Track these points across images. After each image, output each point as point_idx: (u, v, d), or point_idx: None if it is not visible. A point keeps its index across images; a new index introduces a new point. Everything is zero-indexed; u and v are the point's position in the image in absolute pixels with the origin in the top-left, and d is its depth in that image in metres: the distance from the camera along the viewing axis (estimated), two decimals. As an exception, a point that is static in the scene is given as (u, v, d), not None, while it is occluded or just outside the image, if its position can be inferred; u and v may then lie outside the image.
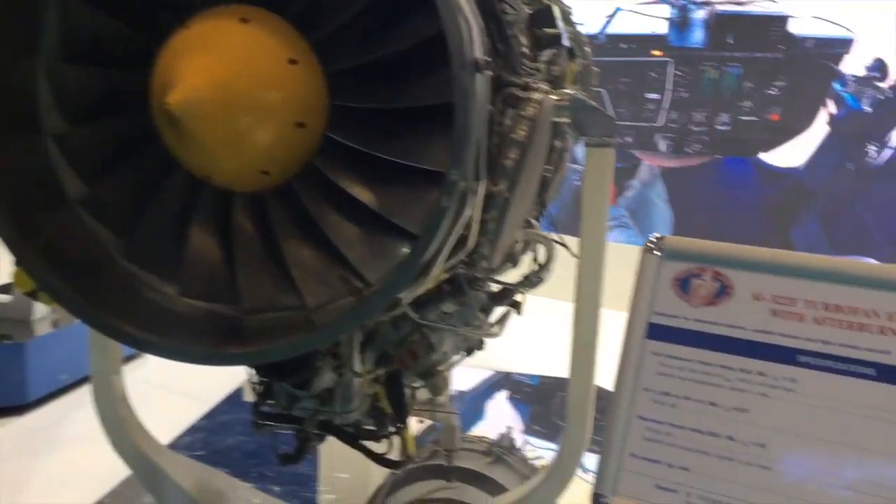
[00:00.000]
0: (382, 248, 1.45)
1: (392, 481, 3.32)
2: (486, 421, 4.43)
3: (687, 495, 1.28)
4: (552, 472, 2.02)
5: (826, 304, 1.27)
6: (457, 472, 3.24)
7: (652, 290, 1.37)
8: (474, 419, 4.44)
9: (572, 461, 1.84)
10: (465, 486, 3.19)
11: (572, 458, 1.84)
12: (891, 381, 1.21)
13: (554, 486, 2.01)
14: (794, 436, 1.24)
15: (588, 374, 1.79)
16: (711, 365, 1.31)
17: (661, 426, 1.32)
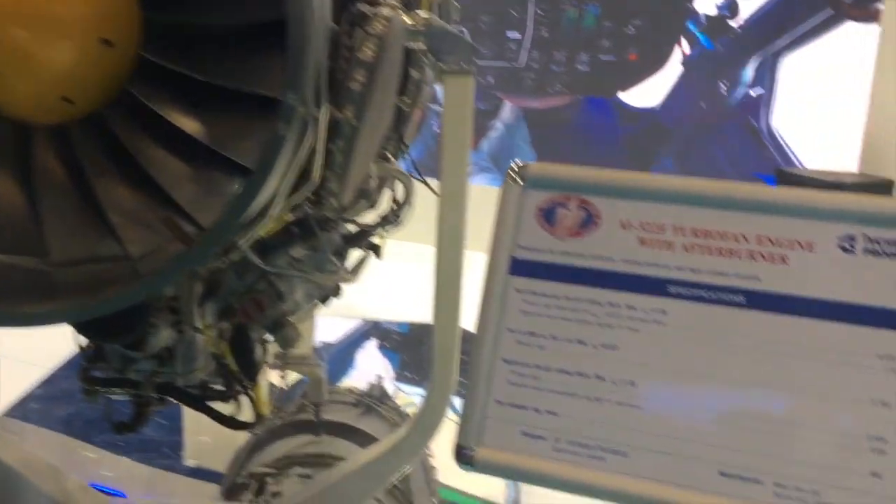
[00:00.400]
0: (214, 185, 1.27)
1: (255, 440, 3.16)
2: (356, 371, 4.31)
3: (555, 441, 1.19)
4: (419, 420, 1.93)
5: (695, 229, 1.18)
6: (325, 426, 3.12)
7: (514, 222, 1.25)
8: (344, 370, 4.31)
9: (439, 408, 1.75)
10: (334, 439, 3.07)
11: (439, 404, 1.76)
12: (760, 307, 1.14)
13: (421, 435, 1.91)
14: (665, 371, 1.16)
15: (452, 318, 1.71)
16: (579, 300, 1.21)
17: (526, 369, 1.22)
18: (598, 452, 1.17)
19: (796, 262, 1.15)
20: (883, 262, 1.11)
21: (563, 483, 1.17)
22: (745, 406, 1.13)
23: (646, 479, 1.14)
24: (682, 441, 1.15)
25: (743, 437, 1.12)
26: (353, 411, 3.28)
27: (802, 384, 1.12)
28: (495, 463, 1.20)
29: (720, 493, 1.12)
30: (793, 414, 1.11)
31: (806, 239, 1.15)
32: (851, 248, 1.13)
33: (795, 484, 1.09)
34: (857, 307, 1.11)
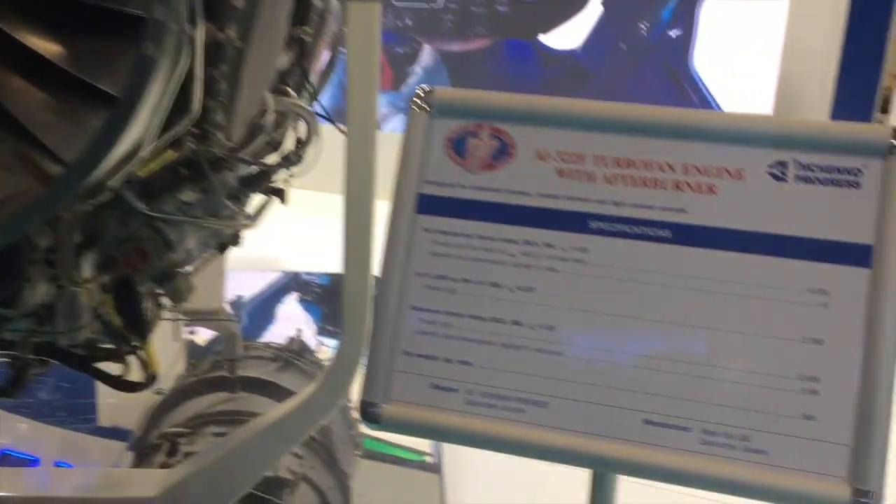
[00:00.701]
0: (78, 118, 1.10)
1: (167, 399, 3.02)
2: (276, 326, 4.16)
3: (468, 393, 1.08)
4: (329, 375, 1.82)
5: (617, 159, 1.08)
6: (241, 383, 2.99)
7: (421, 155, 1.12)
8: (263, 325, 4.15)
9: (351, 362, 1.66)
10: (252, 395, 2.95)
11: (351, 358, 1.66)
12: (686, 242, 1.05)
13: (334, 390, 1.82)
14: (586, 313, 1.06)
15: (363, 268, 1.60)
16: (493, 239, 1.10)
17: (437, 316, 1.10)
18: (516, 404, 1.07)
19: (725, 192, 1.05)
20: (816, 189, 1.03)
21: (478, 438, 1.07)
22: (672, 349, 1.04)
23: (567, 432, 1.05)
24: (606, 389, 1.05)
25: (669, 383, 1.04)
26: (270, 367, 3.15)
27: (731, 323, 1.03)
28: (404, 419, 1.09)
29: (646, 443, 1.03)
30: (721, 355, 1.03)
31: (735, 166, 1.05)
32: (783, 176, 1.04)
33: (724, 430, 1.02)
34: (789, 239, 1.03)
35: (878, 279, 0.99)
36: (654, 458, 1.02)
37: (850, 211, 1.02)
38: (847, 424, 0.98)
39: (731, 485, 1.00)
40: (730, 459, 1.01)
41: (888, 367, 0.97)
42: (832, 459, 0.98)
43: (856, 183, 1.02)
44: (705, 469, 1.01)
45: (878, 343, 0.98)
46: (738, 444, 1.01)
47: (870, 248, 1.00)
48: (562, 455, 1.05)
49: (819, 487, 0.98)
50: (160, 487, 1.79)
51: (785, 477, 0.99)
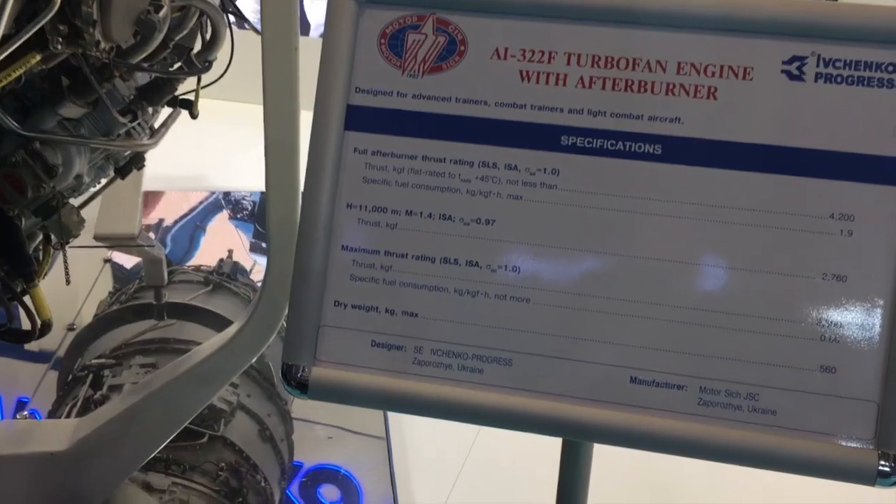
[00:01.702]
0: None
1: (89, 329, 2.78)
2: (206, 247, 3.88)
3: (416, 351, 0.86)
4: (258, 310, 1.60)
5: (594, 56, 0.84)
6: (168, 309, 2.77)
7: (348, 55, 0.87)
8: (192, 248, 3.86)
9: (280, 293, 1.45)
10: (181, 322, 2.73)
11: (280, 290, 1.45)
12: (681, 160, 0.83)
13: (264, 326, 1.60)
14: (557, 250, 0.85)
15: (290, 187, 1.38)
16: (441, 160, 0.86)
17: (374, 257, 0.87)
18: (474, 362, 0.86)
19: (729, 95, 0.83)
20: (841, 91, 0.82)
21: (429, 406, 0.86)
22: (663, 291, 0.84)
23: (536, 394, 0.84)
24: (582, 341, 0.85)
25: (659, 332, 0.84)
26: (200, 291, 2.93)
27: (735, 258, 0.83)
28: (337, 385, 0.86)
29: (632, 406, 0.83)
30: (723, 298, 0.83)
31: (741, 64, 0.83)
32: (800, 74, 0.82)
33: (727, 387, 0.82)
34: (806, 153, 0.82)
35: (913, 201, 0.79)
36: (641, 423, 0.83)
37: (881, 117, 0.81)
38: (874, 377, 0.80)
39: (734, 452, 0.82)
40: (733, 422, 0.82)
41: (924, 307, 0.78)
42: (856, 419, 0.80)
43: (889, 82, 0.81)
44: (703, 434, 0.82)
45: (913, 279, 0.79)
46: (743, 404, 0.82)
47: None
48: (529, 422, 0.84)
49: (840, 452, 0.80)
50: (70, 440, 1.57)
51: (799, 441, 0.81)
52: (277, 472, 2.52)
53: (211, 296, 2.84)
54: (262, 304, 1.57)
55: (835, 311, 0.81)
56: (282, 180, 1.41)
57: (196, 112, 1.48)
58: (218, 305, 2.75)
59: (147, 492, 2.03)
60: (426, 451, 2.48)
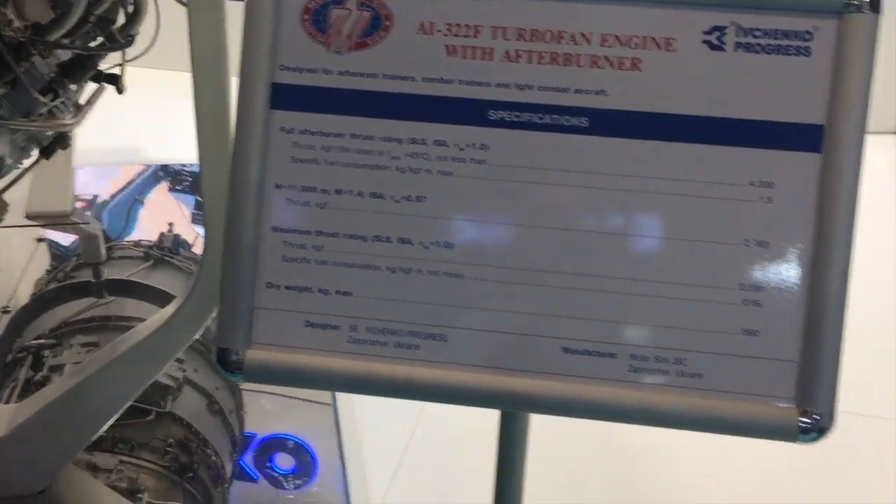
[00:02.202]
0: None
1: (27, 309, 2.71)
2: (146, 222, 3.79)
3: (351, 330, 0.86)
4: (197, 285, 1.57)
5: (519, 30, 0.84)
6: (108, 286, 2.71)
7: (271, 32, 0.85)
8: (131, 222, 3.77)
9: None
10: (122, 299, 2.68)
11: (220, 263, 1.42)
12: (607, 132, 0.84)
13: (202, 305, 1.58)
14: (489, 224, 0.85)
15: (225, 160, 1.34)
16: (370, 138, 0.85)
17: (305, 237, 0.86)
18: (409, 339, 0.86)
19: (652, 67, 0.84)
20: (759, 60, 0.83)
21: (365, 383, 0.86)
22: (592, 262, 0.85)
23: (472, 368, 0.85)
24: (515, 314, 0.85)
25: (590, 302, 0.85)
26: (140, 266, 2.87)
27: (660, 228, 0.84)
28: (273, 366, 0.86)
29: (565, 375, 0.85)
30: (650, 266, 0.84)
31: (663, 35, 0.83)
32: (720, 44, 0.83)
33: (655, 353, 0.84)
34: (728, 122, 0.83)
35: (829, 166, 0.81)
36: (574, 392, 0.84)
37: (798, 85, 0.82)
38: (794, 339, 0.82)
39: (663, 416, 0.84)
40: (662, 387, 0.84)
41: (841, 270, 0.81)
42: (777, 379, 0.83)
43: (805, 50, 0.82)
44: (634, 400, 0.84)
45: (830, 243, 0.81)
46: (671, 369, 0.84)
47: (821, 128, 0.82)
48: (465, 396, 0.85)
49: (763, 412, 0.83)
50: (8, 426, 1.53)
51: (724, 403, 0.83)
52: (228, 444, 2.51)
53: (152, 271, 2.78)
54: (202, 279, 1.55)
55: (757, 276, 0.83)
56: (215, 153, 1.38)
57: (122, 87, 1.43)
58: (160, 281, 2.70)
59: (93, 472, 2.00)
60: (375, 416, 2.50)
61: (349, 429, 2.46)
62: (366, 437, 2.46)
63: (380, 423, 2.48)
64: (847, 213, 0.81)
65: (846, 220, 0.81)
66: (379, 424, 2.47)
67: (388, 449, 2.34)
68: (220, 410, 2.49)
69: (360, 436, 2.48)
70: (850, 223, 0.81)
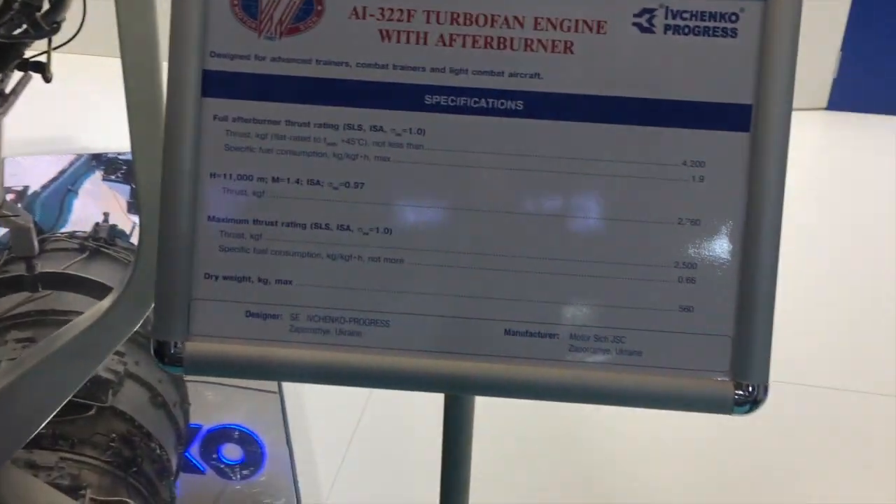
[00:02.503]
0: None
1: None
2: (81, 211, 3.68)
3: (293, 319, 0.85)
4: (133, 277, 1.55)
5: (453, 13, 0.84)
6: (43, 279, 2.64)
7: (200, 17, 0.83)
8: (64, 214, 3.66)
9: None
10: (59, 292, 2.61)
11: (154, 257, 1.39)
12: (543, 115, 0.84)
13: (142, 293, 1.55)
14: (429, 209, 0.85)
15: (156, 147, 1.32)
16: (305, 125, 0.84)
17: (243, 227, 0.85)
18: (351, 326, 0.85)
19: (584, 50, 0.84)
20: (688, 42, 0.84)
21: (308, 371, 0.86)
22: (530, 244, 0.85)
23: (415, 352, 0.85)
24: (457, 298, 0.86)
25: (530, 284, 0.86)
26: (76, 258, 2.81)
27: (598, 209, 0.85)
28: (213, 358, 0.85)
29: (507, 357, 0.85)
30: (587, 247, 0.85)
31: (595, 17, 0.84)
32: (650, 27, 0.84)
33: (594, 332, 0.85)
34: (659, 103, 0.85)
35: (757, 145, 0.83)
36: (517, 373, 0.85)
37: (726, 66, 0.84)
38: (728, 314, 0.85)
39: (604, 394, 0.85)
40: (602, 365, 0.85)
41: (771, 245, 0.83)
42: (712, 354, 0.85)
43: (732, 31, 0.84)
44: (575, 379, 0.85)
45: (759, 219, 0.83)
46: (610, 348, 0.85)
47: (749, 107, 0.84)
48: (409, 380, 0.86)
49: (700, 386, 0.85)
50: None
51: (663, 378, 0.85)
52: (173, 437, 2.47)
53: (88, 263, 2.72)
54: (139, 270, 1.52)
55: (690, 254, 0.85)
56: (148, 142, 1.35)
57: (49, 75, 1.39)
58: (97, 272, 2.65)
59: (33, 470, 1.96)
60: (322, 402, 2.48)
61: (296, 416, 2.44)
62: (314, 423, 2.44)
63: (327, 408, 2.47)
64: (776, 189, 0.83)
65: (775, 196, 0.83)
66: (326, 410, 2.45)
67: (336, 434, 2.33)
68: (164, 403, 2.45)
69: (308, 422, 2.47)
70: (779, 199, 0.83)
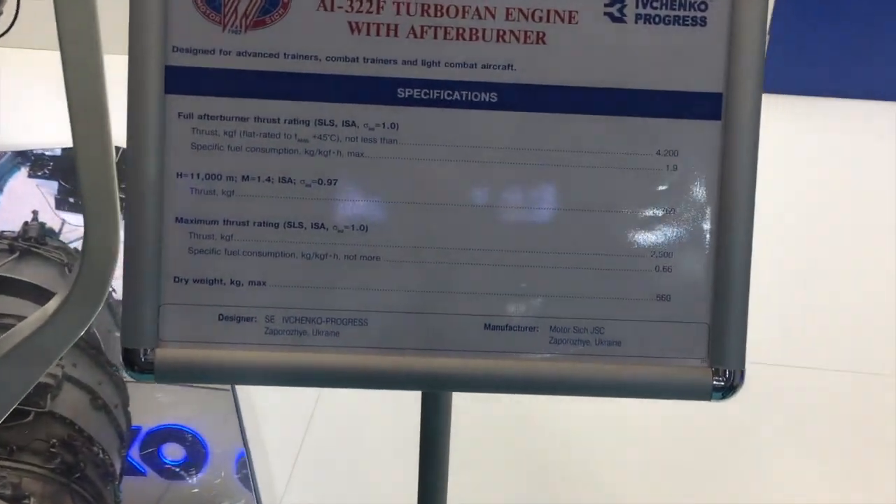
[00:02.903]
0: None
1: None
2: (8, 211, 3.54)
3: (268, 321, 0.83)
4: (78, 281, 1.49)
5: (424, 4, 0.82)
6: (-32, 284, 2.53)
7: (161, 11, 0.79)
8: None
9: (103, 261, 1.35)
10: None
11: (102, 256, 1.35)
12: (516, 106, 0.83)
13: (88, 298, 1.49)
14: (404, 205, 0.84)
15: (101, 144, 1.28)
16: (275, 121, 0.82)
17: (213, 227, 0.82)
18: (329, 326, 0.84)
19: (557, 40, 0.84)
20: (659, 31, 0.84)
21: (285, 375, 0.83)
22: (509, 237, 0.85)
23: (395, 351, 0.84)
24: (436, 294, 0.85)
25: (508, 277, 0.85)
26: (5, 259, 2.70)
27: (574, 200, 0.85)
28: (186, 365, 0.82)
29: (488, 351, 0.85)
30: (565, 238, 0.85)
31: (566, 7, 0.83)
32: (621, 16, 0.84)
33: (574, 324, 0.85)
34: (632, 93, 0.85)
35: (728, 132, 0.84)
36: (498, 368, 0.84)
37: (696, 54, 0.84)
38: (703, 301, 0.86)
39: (585, 385, 0.85)
40: (582, 356, 0.86)
41: (744, 231, 0.85)
42: (689, 342, 0.86)
43: (702, 20, 0.84)
44: (556, 371, 0.85)
45: (732, 206, 0.85)
46: (590, 338, 0.86)
47: (719, 96, 0.84)
48: (390, 379, 0.84)
49: (678, 373, 0.86)
50: None
51: (642, 367, 0.86)
52: (116, 440, 2.41)
53: (19, 263, 2.62)
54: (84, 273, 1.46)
55: (666, 243, 0.85)
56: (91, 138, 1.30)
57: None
58: (28, 273, 2.55)
59: (-29, 481, 1.88)
60: (273, 397, 2.45)
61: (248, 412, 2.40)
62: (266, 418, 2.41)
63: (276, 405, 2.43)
64: (748, 176, 0.84)
65: (747, 183, 0.84)
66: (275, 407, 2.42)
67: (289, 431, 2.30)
68: (105, 406, 2.38)
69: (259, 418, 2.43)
70: (751, 186, 0.84)
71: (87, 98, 1.27)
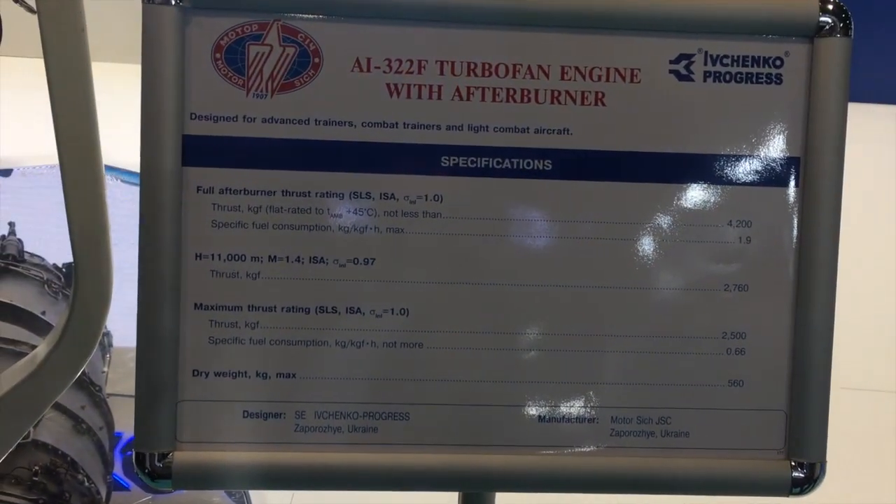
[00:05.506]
0: None
1: None
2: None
3: (298, 416, 0.76)
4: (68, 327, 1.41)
5: (470, 63, 0.75)
6: (-56, 304, 2.46)
7: (178, 75, 0.72)
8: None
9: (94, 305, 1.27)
10: (-34, 319, 2.43)
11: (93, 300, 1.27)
12: (573, 175, 0.76)
13: (78, 344, 1.42)
14: (449, 285, 0.76)
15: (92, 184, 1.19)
16: (306, 194, 0.75)
17: (236, 314, 0.75)
18: (366, 421, 0.76)
19: (617, 101, 0.76)
20: (729, 89, 0.77)
21: (319, 477, 0.76)
22: (566, 320, 0.77)
23: (439, 447, 0.76)
24: (485, 384, 0.77)
25: (565, 364, 0.78)
26: (-20, 279, 2.62)
27: (638, 278, 0.78)
28: (206, 469, 0.74)
29: (542, 446, 0.77)
30: (628, 320, 0.78)
31: (628, 65, 0.76)
32: (688, 74, 0.77)
33: (638, 414, 0.78)
34: (701, 158, 0.77)
35: (807, 200, 0.77)
36: (552, 464, 0.77)
37: (771, 115, 0.77)
38: (780, 386, 0.78)
39: (650, 481, 0.78)
40: (647, 449, 0.78)
41: (825, 310, 0.77)
42: (765, 431, 0.78)
43: (777, 77, 0.77)
44: (618, 466, 0.77)
45: (812, 281, 0.77)
46: (656, 430, 0.78)
47: (797, 161, 0.78)
48: (434, 480, 0.77)
49: (753, 467, 0.78)
50: None
51: (712, 461, 0.78)
52: (100, 465, 2.34)
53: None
54: (75, 317, 1.38)
55: (738, 322, 0.78)
56: (81, 171, 1.22)
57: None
58: (7, 293, 2.47)
59: (-49, 511, 1.81)
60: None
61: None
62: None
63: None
64: (829, 248, 0.77)
65: (828, 256, 0.77)
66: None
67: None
68: (88, 429, 2.31)
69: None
70: (833, 259, 0.77)
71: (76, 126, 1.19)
